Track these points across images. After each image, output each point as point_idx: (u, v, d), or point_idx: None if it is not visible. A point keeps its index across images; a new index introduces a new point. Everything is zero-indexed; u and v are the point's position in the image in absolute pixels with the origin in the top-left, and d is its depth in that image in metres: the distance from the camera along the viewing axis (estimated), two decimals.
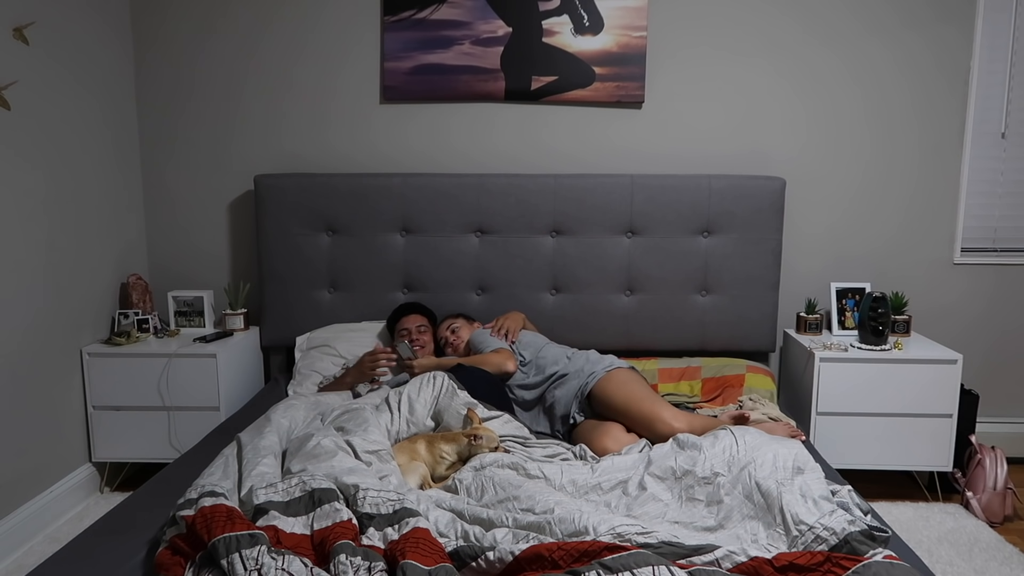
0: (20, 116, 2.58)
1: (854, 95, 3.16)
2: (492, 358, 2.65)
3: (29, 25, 2.59)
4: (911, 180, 3.21)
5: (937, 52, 3.12)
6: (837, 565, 1.49)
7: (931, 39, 3.11)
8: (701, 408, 2.81)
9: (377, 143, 3.25)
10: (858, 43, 3.12)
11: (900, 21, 3.10)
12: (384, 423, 2.27)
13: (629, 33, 3.11)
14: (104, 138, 3.04)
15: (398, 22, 3.14)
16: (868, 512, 1.81)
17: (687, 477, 1.94)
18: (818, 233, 3.25)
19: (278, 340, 3.20)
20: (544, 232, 3.10)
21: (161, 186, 3.30)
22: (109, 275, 3.09)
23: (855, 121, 3.18)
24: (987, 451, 2.85)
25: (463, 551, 1.61)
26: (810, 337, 3.08)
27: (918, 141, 3.18)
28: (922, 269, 3.25)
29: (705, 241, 3.09)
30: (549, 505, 1.77)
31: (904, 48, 3.12)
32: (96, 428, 2.93)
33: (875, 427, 2.85)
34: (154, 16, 3.20)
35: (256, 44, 3.20)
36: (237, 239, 3.33)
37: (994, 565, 2.45)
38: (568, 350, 2.75)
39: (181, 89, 3.24)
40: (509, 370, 2.64)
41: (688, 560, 1.55)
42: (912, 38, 3.11)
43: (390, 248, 3.13)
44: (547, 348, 2.75)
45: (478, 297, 3.16)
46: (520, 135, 3.23)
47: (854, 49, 3.13)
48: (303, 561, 1.51)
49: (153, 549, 1.71)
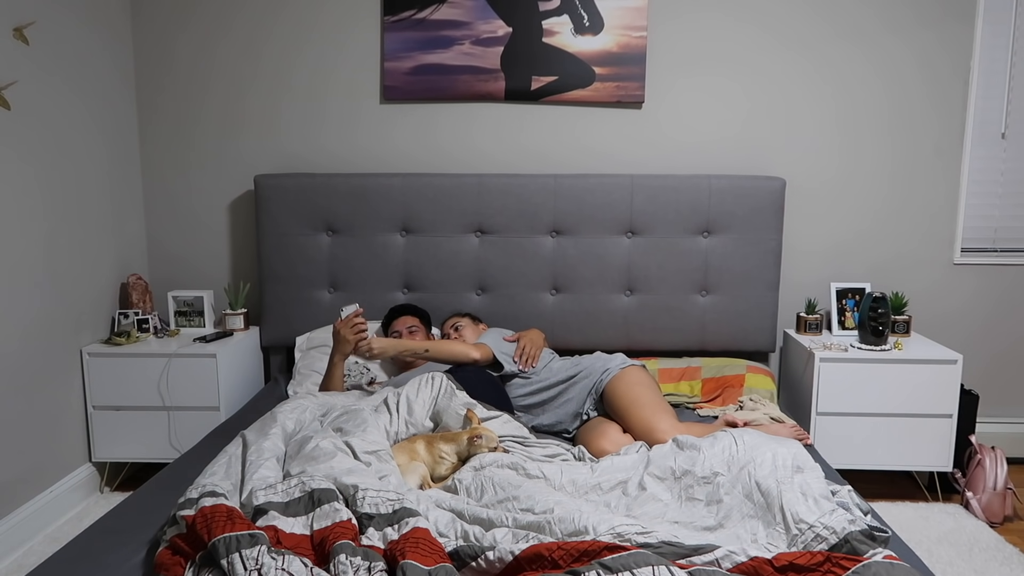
0: (20, 116, 2.58)
1: (854, 95, 3.16)
2: (452, 346, 2.61)
3: (29, 25, 2.59)
4: (911, 180, 3.21)
5: (937, 52, 3.12)
6: (837, 565, 1.49)
7: (931, 39, 3.11)
8: (701, 408, 2.81)
9: (377, 143, 3.25)
10: (858, 44, 3.12)
11: (900, 22, 3.10)
12: (383, 424, 2.27)
13: (629, 33, 3.11)
14: (104, 138, 3.04)
15: (398, 22, 3.14)
16: (868, 512, 1.81)
17: (686, 477, 1.94)
18: (818, 233, 3.25)
19: (278, 340, 3.20)
20: (544, 232, 3.10)
21: (161, 186, 3.30)
22: (109, 275, 3.09)
23: (855, 121, 3.18)
24: (987, 451, 2.85)
25: (463, 551, 1.61)
26: (810, 337, 3.08)
27: (918, 141, 3.18)
28: (922, 269, 3.25)
29: (705, 241, 3.09)
30: (549, 505, 1.77)
31: (904, 48, 3.12)
32: (96, 428, 2.93)
33: (875, 427, 2.85)
34: (154, 16, 3.20)
35: (256, 44, 3.20)
36: (237, 239, 3.33)
37: (994, 565, 2.45)
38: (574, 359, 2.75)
39: (181, 89, 3.24)
40: (474, 357, 2.60)
41: (688, 560, 1.54)
42: (912, 39, 3.11)
43: (390, 248, 3.13)
44: (554, 362, 2.75)
45: (478, 297, 3.16)
46: (520, 135, 3.23)
47: (855, 49, 3.13)
48: (303, 561, 1.51)
49: (153, 549, 1.71)
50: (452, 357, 2.61)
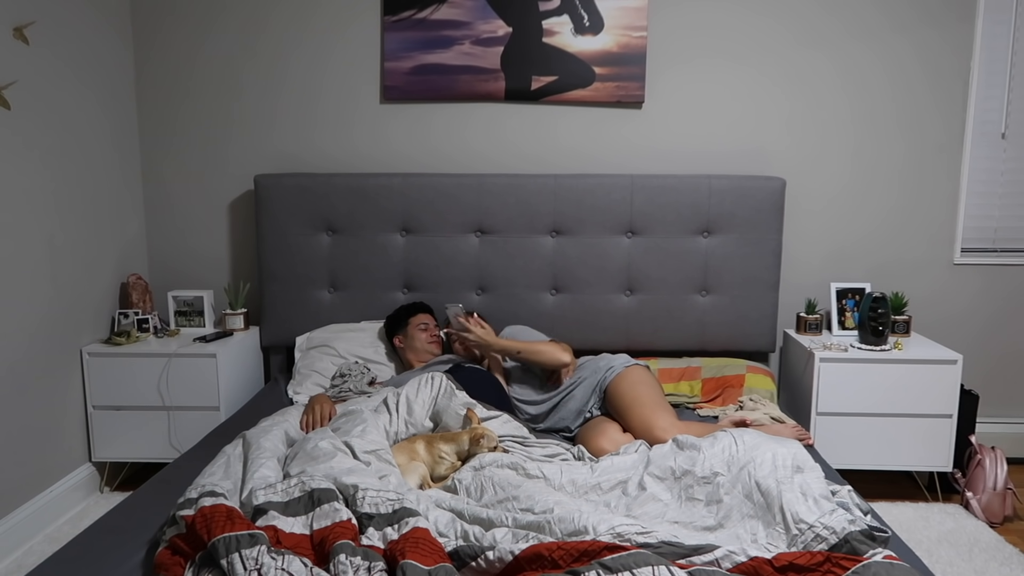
0: (20, 116, 2.58)
1: (855, 95, 3.16)
2: (546, 347, 2.63)
3: (29, 25, 2.59)
4: (911, 180, 3.20)
5: (937, 52, 3.12)
6: (837, 565, 1.49)
7: (931, 39, 3.11)
8: (701, 408, 2.81)
9: (377, 143, 3.25)
10: (859, 43, 3.12)
11: (900, 22, 3.10)
12: (383, 424, 2.27)
13: (629, 33, 3.11)
14: (104, 138, 3.04)
15: (398, 22, 3.14)
16: (868, 512, 1.81)
17: (686, 477, 1.94)
18: (818, 233, 3.25)
19: (278, 340, 3.20)
20: (544, 232, 3.10)
21: (161, 186, 3.30)
22: (109, 275, 3.09)
23: (855, 121, 3.18)
24: (987, 451, 2.85)
25: (463, 551, 1.61)
26: (810, 337, 3.08)
27: (918, 141, 3.18)
28: (922, 269, 3.25)
29: (705, 241, 3.09)
30: (549, 505, 1.77)
31: (904, 49, 3.12)
32: (96, 428, 2.93)
33: (875, 427, 2.85)
34: (154, 16, 3.20)
35: (256, 44, 3.20)
36: (237, 239, 3.33)
37: (994, 566, 2.45)
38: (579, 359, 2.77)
39: (181, 89, 3.24)
40: (565, 361, 2.62)
41: (688, 560, 1.55)
42: (912, 39, 3.11)
43: (390, 248, 3.13)
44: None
45: (478, 297, 3.15)
46: (520, 135, 3.23)
47: (855, 49, 3.13)
48: (303, 561, 1.51)
49: (153, 549, 1.71)
50: (543, 361, 2.62)
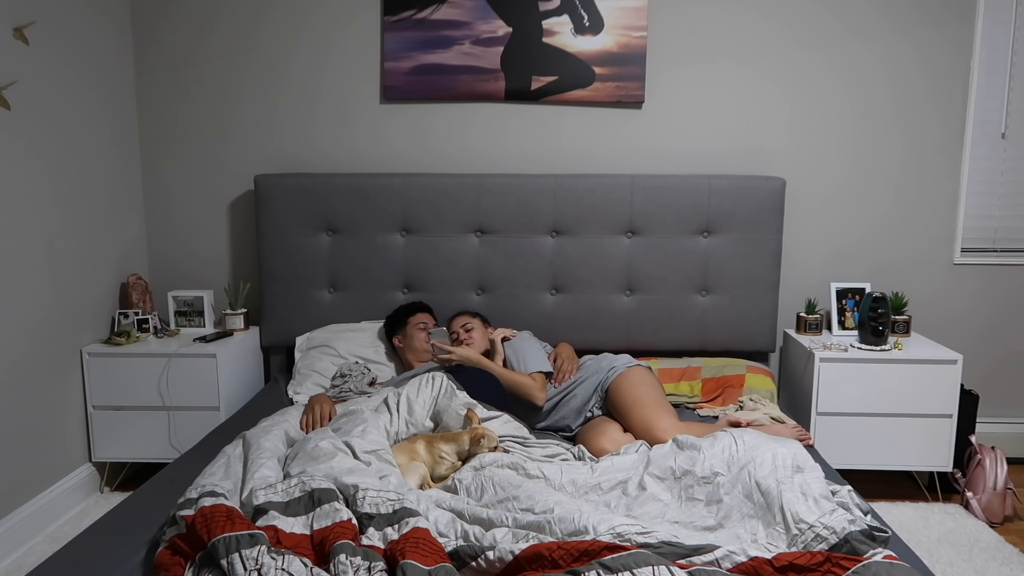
0: (20, 116, 2.58)
1: (855, 95, 3.16)
2: (524, 381, 2.59)
3: (29, 25, 2.59)
4: (911, 180, 3.20)
5: (937, 52, 3.12)
6: (837, 565, 1.49)
7: (931, 39, 3.11)
8: (701, 408, 2.81)
9: (377, 143, 3.25)
10: (859, 44, 3.12)
11: (900, 22, 3.10)
12: (383, 424, 2.27)
13: (629, 33, 3.11)
14: (104, 138, 3.04)
15: (398, 22, 3.14)
16: (868, 512, 1.81)
17: (686, 477, 1.94)
18: (818, 233, 3.25)
19: (278, 340, 3.20)
20: (544, 232, 3.10)
21: (161, 186, 3.30)
22: (109, 275, 3.09)
23: (855, 121, 3.18)
24: (987, 451, 2.85)
25: (463, 551, 1.61)
26: (810, 337, 3.08)
27: (918, 141, 3.18)
28: (922, 269, 3.25)
29: (705, 241, 3.09)
30: (549, 505, 1.77)
31: (905, 49, 3.12)
32: (96, 428, 2.93)
33: (875, 427, 2.85)
34: (154, 16, 3.20)
35: (256, 44, 3.20)
36: (237, 239, 3.33)
37: (994, 566, 2.45)
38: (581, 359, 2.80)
39: (181, 89, 3.24)
40: (537, 401, 2.59)
41: (688, 560, 1.55)
42: (912, 38, 3.11)
43: (390, 248, 3.13)
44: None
45: (478, 297, 3.15)
46: (520, 135, 3.23)
47: (856, 49, 3.13)
48: (303, 561, 1.51)
49: (153, 549, 1.71)
50: (517, 393, 2.59)
